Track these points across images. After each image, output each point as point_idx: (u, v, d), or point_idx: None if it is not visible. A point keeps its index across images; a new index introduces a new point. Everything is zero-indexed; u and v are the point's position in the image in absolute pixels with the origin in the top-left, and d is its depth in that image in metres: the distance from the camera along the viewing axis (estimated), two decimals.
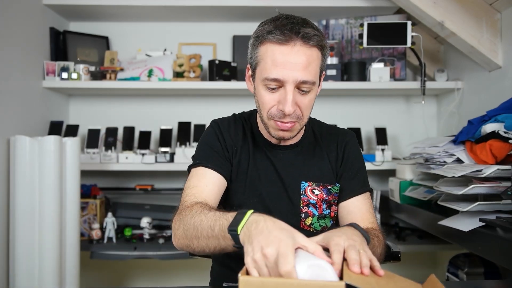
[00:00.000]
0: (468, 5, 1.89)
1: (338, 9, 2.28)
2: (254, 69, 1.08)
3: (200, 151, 1.17)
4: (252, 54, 1.07)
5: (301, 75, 0.99)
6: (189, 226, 0.93)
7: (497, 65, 1.88)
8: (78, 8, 2.27)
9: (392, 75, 2.28)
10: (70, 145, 1.86)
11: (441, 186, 1.62)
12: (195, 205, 0.99)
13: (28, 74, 2.05)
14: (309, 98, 1.05)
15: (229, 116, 1.25)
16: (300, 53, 0.99)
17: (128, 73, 2.27)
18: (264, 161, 1.17)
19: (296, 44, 0.99)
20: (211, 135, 1.18)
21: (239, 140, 1.18)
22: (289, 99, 1.00)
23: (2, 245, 1.79)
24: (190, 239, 0.93)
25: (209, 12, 2.32)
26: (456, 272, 1.81)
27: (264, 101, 1.05)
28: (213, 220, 0.88)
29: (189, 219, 0.94)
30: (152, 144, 2.36)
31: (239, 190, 1.16)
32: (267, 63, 1.01)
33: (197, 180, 1.09)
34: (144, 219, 2.15)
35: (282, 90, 1.02)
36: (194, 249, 0.94)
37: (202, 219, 0.91)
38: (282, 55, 0.99)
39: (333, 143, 1.21)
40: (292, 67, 0.99)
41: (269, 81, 1.01)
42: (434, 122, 2.49)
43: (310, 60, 1.01)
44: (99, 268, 2.47)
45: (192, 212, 0.95)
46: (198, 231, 0.91)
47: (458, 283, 1.53)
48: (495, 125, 1.55)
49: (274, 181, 1.16)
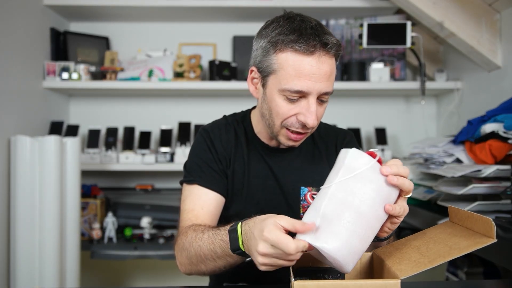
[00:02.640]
0: (468, 6, 1.90)
1: (338, 9, 2.28)
2: (266, 75, 1.00)
3: (193, 165, 1.11)
4: (264, 60, 0.99)
5: (325, 86, 0.96)
6: (191, 254, 0.94)
7: (497, 65, 1.89)
8: (78, 8, 2.27)
9: (392, 75, 2.28)
10: (71, 145, 1.86)
11: (441, 186, 1.62)
12: (188, 230, 0.99)
13: (28, 74, 2.05)
14: (324, 107, 1.02)
15: (220, 119, 1.18)
16: (325, 64, 0.95)
17: (128, 73, 2.28)
18: (261, 167, 1.12)
19: (321, 55, 0.95)
20: (202, 145, 1.12)
21: (231, 147, 1.12)
22: (313, 111, 0.96)
23: (2, 245, 1.79)
24: (196, 264, 0.95)
25: (209, 12, 2.32)
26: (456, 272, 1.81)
27: (281, 111, 0.99)
28: (211, 243, 0.90)
29: (188, 247, 0.95)
30: (152, 144, 2.36)
31: (236, 200, 1.12)
32: (289, 74, 0.95)
33: (192, 202, 1.07)
34: (144, 219, 2.15)
35: (303, 101, 0.97)
36: (205, 272, 0.95)
37: (200, 244, 0.92)
38: (309, 66, 0.94)
39: (332, 145, 1.18)
40: (316, 79, 0.95)
41: (292, 92, 0.96)
42: (433, 122, 2.49)
43: (332, 70, 0.98)
44: (99, 268, 2.47)
45: (188, 238, 0.96)
46: (202, 257, 0.92)
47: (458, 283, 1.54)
48: (494, 125, 1.56)
49: (272, 188, 1.12)
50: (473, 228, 0.78)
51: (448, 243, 0.77)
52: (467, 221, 0.80)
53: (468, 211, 0.82)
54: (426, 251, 0.78)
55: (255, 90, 1.07)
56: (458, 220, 0.84)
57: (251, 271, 1.13)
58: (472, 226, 0.78)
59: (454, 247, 0.75)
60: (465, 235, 0.77)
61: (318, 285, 0.67)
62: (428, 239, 0.84)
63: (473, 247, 0.72)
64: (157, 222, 2.27)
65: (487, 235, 0.73)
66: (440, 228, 0.87)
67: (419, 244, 0.83)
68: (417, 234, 0.89)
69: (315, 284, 0.67)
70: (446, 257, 0.72)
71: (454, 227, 0.84)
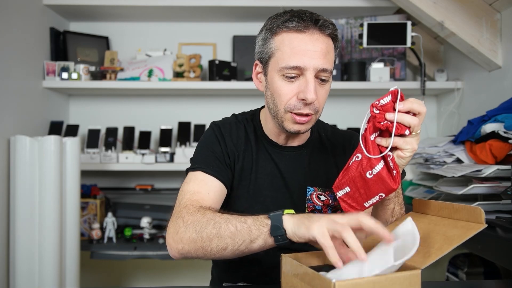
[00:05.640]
0: (468, 5, 1.90)
1: (338, 9, 2.28)
2: (266, 62, 1.04)
3: (199, 155, 1.10)
4: (264, 48, 1.04)
5: (321, 62, 0.98)
6: (207, 226, 0.89)
7: (497, 65, 1.89)
8: (78, 8, 2.27)
9: (392, 75, 2.28)
10: (70, 145, 1.86)
11: (441, 186, 1.62)
12: (207, 210, 0.94)
13: (28, 74, 2.05)
14: (326, 89, 1.03)
15: (230, 117, 1.19)
16: (319, 41, 0.98)
17: (128, 73, 2.27)
18: (268, 165, 1.12)
19: (314, 33, 0.98)
20: (212, 138, 1.12)
21: (241, 144, 1.13)
22: (311, 87, 0.97)
23: (2, 245, 1.79)
24: (207, 239, 0.88)
25: (209, 12, 2.32)
26: (456, 272, 1.81)
27: (282, 92, 1.01)
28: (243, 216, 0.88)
29: (205, 221, 0.90)
30: (152, 144, 2.36)
31: (242, 196, 1.11)
32: (285, 52, 0.99)
33: (197, 185, 1.04)
34: (144, 219, 2.15)
35: (302, 79, 0.99)
36: (211, 249, 0.89)
37: (227, 217, 0.88)
38: (302, 43, 0.97)
39: (339, 147, 1.18)
40: (312, 55, 0.97)
41: (289, 69, 0.98)
42: (434, 122, 2.49)
43: (328, 49, 1.00)
44: (99, 268, 2.47)
45: (207, 215, 0.91)
46: (222, 228, 0.87)
47: (458, 283, 1.53)
48: (495, 125, 1.55)
49: (278, 186, 1.12)
50: (452, 217, 0.82)
51: (439, 232, 0.80)
52: (444, 211, 0.85)
53: (442, 202, 0.86)
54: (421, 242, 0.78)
55: (259, 83, 1.10)
56: (429, 211, 0.88)
57: (252, 271, 1.13)
58: (451, 215, 0.83)
59: (448, 235, 0.78)
60: (448, 223, 0.82)
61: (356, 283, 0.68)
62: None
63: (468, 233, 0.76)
64: (157, 222, 2.27)
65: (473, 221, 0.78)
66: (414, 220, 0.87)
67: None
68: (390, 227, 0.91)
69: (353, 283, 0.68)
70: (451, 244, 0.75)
71: (427, 217, 0.87)
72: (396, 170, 0.83)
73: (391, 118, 0.82)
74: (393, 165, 0.83)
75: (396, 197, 0.95)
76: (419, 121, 0.83)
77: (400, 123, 0.82)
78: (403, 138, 0.84)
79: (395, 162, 0.84)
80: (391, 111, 0.83)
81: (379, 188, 0.84)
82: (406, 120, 0.82)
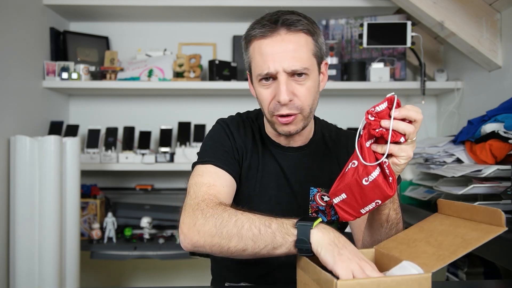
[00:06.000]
0: (468, 5, 1.90)
1: (338, 9, 2.28)
2: (250, 71, 1.08)
3: (208, 148, 1.09)
4: (244, 58, 1.09)
5: (291, 63, 0.98)
6: (228, 223, 0.86)
7: (497, 65, 1.89)
8: (78, 8, 2.27)
9: (392, 75, 2.28)
10: (70, 145, 1.86)
11: (441, 186, 1.62)
12: (227, 206, 0.93)
13: (28, 74, 2.05)
14: (306, 86, 1.01)
15: (235, 115, 1.19)
16: (285, 41, 0.98)
17: (128, 73, 2.27)
18: (272, 165, 1.13)
19: (280, 33, 0.99)
20: (221, 132, 1.12)
21: (249, 142, 1.13)
22: (283, 88, 0.98)
23: (2, 245, 1.79)
24: (227, 237, 0.85)
25: (209, 12, 2.32)
26: (456, 272, 1.81)
27: (262, 98, 1.04)
28: (266, 218, 0.85)
29: (226, 217, 0.87)
30: (152, 144, 2.36)
31: (248, 194, 1.11)
32: (257, 60, 1.01)
33: (211, 178, 1.01)
34: (144, 219, 2.15)
35: (276, 82, 1.01)
36: (229, 248, 0.85)
37: (250, 217, 0.86)
38: (269, 47, 0.99)
39: (343, 147, 1.17)
40: (280, 58, 0.98)
41: (263, 76, 1.01)
42: (434, 122, 2.49)
43: (297, 47, 0.99)
44: (99, 268, 2.47)
45: (228, 210, 0.89)
46: (244, 229, 0.84)
47: (458, 283, 1.53)
48: (495, 125, 1.55)
49: (283, 186, 1.12)
50: (474, 218, 0.80)
51: (458, 234, 0.78)
52: (466, 212, 0.83)
53: (465, 203, 0.84)
54: (437, 244, 0.78)
55: (253, 90, 1.11)
56: (452, 212, 0.87)
57: (253, 271, 1.13)
58: (473, 217, 0.80)
59: (467, 238, 0.76)
60: (470, 225, 0.79)
61: (360, 283, 0.68)
62: (430, 232, 0.84)
63: (486, 237, 0.74)
64: (157, 222, 2.27)
65: (494, 224, 0.75)
66: (435, 221, 0.87)
67: (423, 237, 0.83)
68: (412, 228, 0.90)
69: (356, 282, 0.68)
70: (466, 248, 0.74)
71: (450, 219, 0.86)
72: (392, 176, 0.83)
73: (386, 126, 0.82)
74: (389, 172, 0.83)
75: (391, 202, 0.94)
76: (415, 129, 0.83)
77: (395, 131, 0.82)
78: (398, 145, 0.83)
79: (391, 169, 0.84)
80: (387, 118, 0.83)
81: (376, 195, 0.83)
82: (401, 128, 0.82)
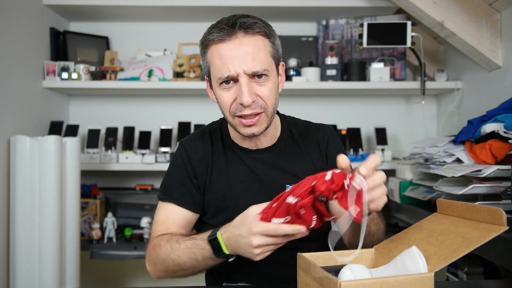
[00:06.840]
0: (468, 5, 1.90)
1: (338, 9, 2.28)
2: (209, 76, 1.09)
3: (167, 183, 1.16)
4: (202, 63, 1.09)
5: (250, 66, 1.00)
6: (168, 264, 1.00)
7: (497, 65, 1.89)
8: (78, 8, 2.27)
9: (392, 75, 2.28)
10: (70, 145, 1.86)
11: (441, 186, 1.62)
12: (161, 241, 1.03)
13: (28, 74, 2.05)
14: (268, 86, 1.03)
15: (197, 131, 1.23)
16: (243, 44, 1.00)
17: (128, 73, 2.27)
18: (243, 171, 1.13)
19: (238, 37, 1.00)
20: (178, 162, 1.16)
21: (208, 158, 1.15)
22: (245, 90, 1.00)
23: (2, 245, 1.79)
24: (174, 272, 1.02)
25: (209, 12, 2.32)
26: (456, 272, 1.81)
27: (223, 101, 1.05)
28: (191, 252, 0.96)
29: (164, 258, 1.01)
30: (152, 144, 2.36)
31: (221, 208, 1.13)
32: (216, 64, 1.02)
33: (164, 216, 1.12)
34: (144, 219, 2.15)
35: (237, 85, 1.02)
36: (183, 276, 1.02)
37: (178, 255, 0.98)
38: (228, 51, 1.00)
39: (313, 141, 1.18)
40: (239, 61, 0.99)
41: (223, 80, 1.02)
42: (434, 122, 2.49)
43: (256, 49, 1.01)
44: (99, 268, 2.47)
45: (163, 250, 1.01)
46: (182, 265, 0.98)
47: (458, 283, 1.53)
48: (495, 125, 1.55)
49: (258, 190, 1.11)
50: (474, 218, 0.80)
51: (458, 234, 0.79)
52: (466, 212, 0.83)
53: (464, 203, 0.84)
54: (438, 243, 0.78)
55: (213, 95, 1.12)
56: (452, 212, 0.87)
57: (251, 271, 1.13)
58: (473, 216, 0.81)
59: (468, 237, 0.76)
60: (470, 225, 0.80)
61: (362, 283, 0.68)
62: (430, 231, 0.84)
63: (488, 236, 0.74)
64: None
65: (495, 223, 0.75)
66: (435, 221, 0.87)
67: (424, 237, 0.83)
68: (412, 227, 0.90)
69: (359, 283, 0.68)
70: (468, 247, 0.74)
71: (450, 219, 0.86)
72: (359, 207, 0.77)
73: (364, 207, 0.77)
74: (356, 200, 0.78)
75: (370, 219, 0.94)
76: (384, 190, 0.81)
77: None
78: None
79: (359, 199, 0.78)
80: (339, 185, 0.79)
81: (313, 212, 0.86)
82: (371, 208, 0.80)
